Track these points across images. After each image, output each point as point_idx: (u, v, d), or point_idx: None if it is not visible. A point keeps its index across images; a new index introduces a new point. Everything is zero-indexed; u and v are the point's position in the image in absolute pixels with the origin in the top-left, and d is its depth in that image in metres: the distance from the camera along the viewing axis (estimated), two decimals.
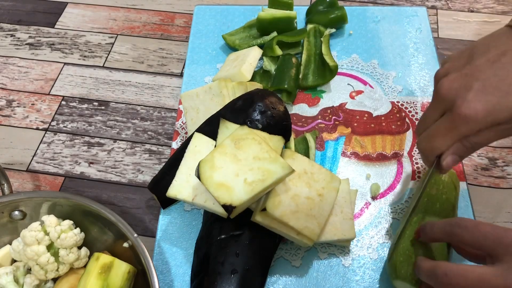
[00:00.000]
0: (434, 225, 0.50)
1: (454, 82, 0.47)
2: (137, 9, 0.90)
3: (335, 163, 0.66)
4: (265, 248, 0.55)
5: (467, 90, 0.45)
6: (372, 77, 0.75)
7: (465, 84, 0.46)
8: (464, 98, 0.45)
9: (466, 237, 0.45)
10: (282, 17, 0.76)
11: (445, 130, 0.48)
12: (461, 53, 0.50)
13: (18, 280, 0.54)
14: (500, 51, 0.46)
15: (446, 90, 0.47)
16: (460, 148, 0.48)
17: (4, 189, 0.56)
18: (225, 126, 0.56)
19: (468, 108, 0.45)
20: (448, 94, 0.47)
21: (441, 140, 0.48)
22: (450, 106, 0.47)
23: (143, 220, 0.64)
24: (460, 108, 0.45)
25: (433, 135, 0.49)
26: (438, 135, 0.48)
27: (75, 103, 0.77)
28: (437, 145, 0.49)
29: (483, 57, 0.47)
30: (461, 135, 0.47)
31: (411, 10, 0.83)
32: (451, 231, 0.46)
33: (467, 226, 0.45)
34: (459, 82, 0.47)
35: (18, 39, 0.86)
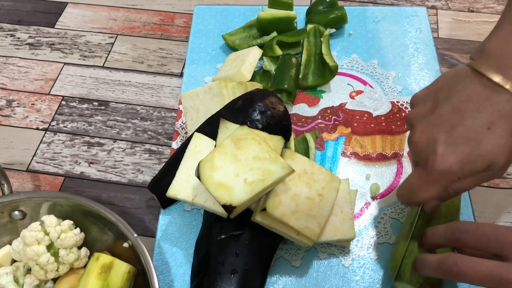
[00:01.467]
0: (435, 232, 0.49)
1: (422, 135, 0.47)
2: (137, 9, 0.90)
3: (335, 163, 0.66)
4: (265, 248, 0.55)
5: (436, 144, 0.45)
6: (372, 77, 0.75)
7: (433, 136, 0.45)
8: (435, 152, 0.45)
9: (469, 241, 0.44)
10: (282, 17, 0.76)
11: (426, 185, 0.47)
12: (426, 94, 0.49)
13: (18, 280, 0.54)
14: (464, 97, 0.45)
15: (416, 144, 0.47)
16: (444, 195, 0.49)
17: (4, 189, 0.56)
18: (225, 126, 0.56)
19: (442, 162, 0.44)
20: (420, 149, 0.47)
21: (424, 193, 0.48)
22: (424, 160, 0.46)
23: (143, 220, 0.64)
24: (434, 164, 0.45)
25: (415, 189, 0.49)
26: (420, 190, 0.48)
27: (75, 103, 0.77)
28: (421, 198, 0.49)
29: (447, 104, 0.46)
30: (442, 187, 0.47)
31: (411, 10, 0.83)
32: (453, 237, 0.46)
33: (469, 230, 0.44)
34: (427, 135, 0.46)
35: (18, 39, 0.86)
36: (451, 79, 0.47)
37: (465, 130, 0.44)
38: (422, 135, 0.47)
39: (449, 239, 0.47)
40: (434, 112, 0.47)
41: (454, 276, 0.43)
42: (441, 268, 0.45)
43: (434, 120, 0.46)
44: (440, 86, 0.48)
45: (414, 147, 0.48)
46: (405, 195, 0.51)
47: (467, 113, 0.44)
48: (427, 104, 0.48)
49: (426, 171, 0.46)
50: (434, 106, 0.47)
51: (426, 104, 0.48)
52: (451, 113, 0.45)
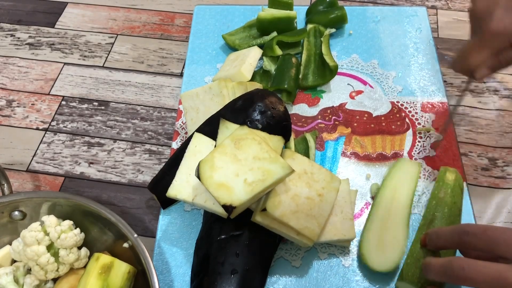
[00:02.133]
0: (440, 234, 0.49)
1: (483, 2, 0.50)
2: (137, 9, 0.90)
3: (335, 163, 0.66)
4: (265, 248, 0.55)
5: (495, 7, 0.48)
6: (372, 77, 0.75)
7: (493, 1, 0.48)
8: (492, 15, 0.48)
9: (476, 244, 0.44)
10: (282, 17, 0.76)
11: (479, 47, 0.51)
12: None
13: (18, 280, 0.54)
14: None
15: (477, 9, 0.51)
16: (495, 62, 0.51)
17: (4, 189, 0.56)
18: (225, 126, 0.56)
19: (497, 23, 0.48)
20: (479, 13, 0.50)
21: (476, 56, 0.52)
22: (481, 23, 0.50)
23: (143, 220, 0.64)
24: (489, 25, 0.48)
25: (468, 53, 0.52)
26: (473, 52, 0.52)
27: (75, 103, 0.77)
28: (473, 61, 0.52)
29: None
30: (494, 49, 0.50)
31: (411, 10, 0.83)
32: (460, 239, 0.46)
33: (476, 233, 0.44)
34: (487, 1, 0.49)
35: (18, 39, 0.86)
36: None
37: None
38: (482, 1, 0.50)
39: (455, 242, 0.47)
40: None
41: (461, 281, 0.43)
42: (447, 272, 0.45)
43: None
44: None
45: (474, 12, 0.51)
46: (458, 60, 0.55)
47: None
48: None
49: (481, 34, 0.50)
50: None
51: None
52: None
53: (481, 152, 0.69)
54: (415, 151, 0.67)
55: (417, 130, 0.69)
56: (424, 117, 0.70)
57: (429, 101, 0.72)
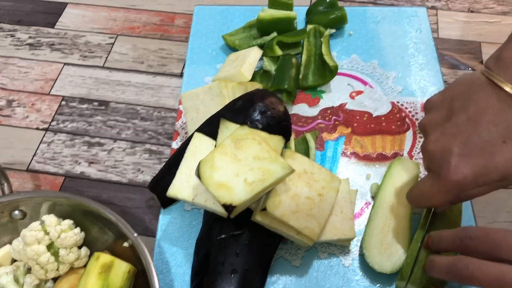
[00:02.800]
0: (442, 237, 0.49)
1: (436, 144, 0.47)
2: (137, 9, 0.90)
3: (335, 163, 0.66)
4: (265, 248, 0.55)
5: (451, 154, 0.45)
6: (372, 77, 0.75)
7: (448, 146, 0.45)
8: (449, 163, 0.45)
9: (478, 247, 0.44)
10: (282, 17, 0.76)
11: (438, 192, 0.48)
12: (441, 101, 0.49)
13: (18, 279, 0.54)
14: (480, 108, 0.44)
15: (430, 153, 0.47)
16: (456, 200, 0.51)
17: (4, 189, 0.56)
18: (225, 126, 0.56)
19: (456, 174, 0.44)
20: (433, 158, 0.47)
21: (436, 200, 0.49)
22: (437, 169, 0.47)
23: (143, 220, 0.65)
24: (448, 174, 0.45)
25: (427, 196, 0.49)
26: (433, 196, 0.49)
27: (75, 103, 0.77)
28: (433, 203, 0.50)
29: (463, 114, 0.45)
30: (455, 195, 0.47)
31: (411, 11, 0.83)
32: (462, 244, 0.45)
33: (478, 237, 0.44)
34: (442, 144, 0.46)
35: (18, 39, 0.86)
36: (467, 88, 0.47)
37: (480, 142, 0.44)
38: (436, 144, 0.47)
39: (457, 246, 0.46)
40: (450, 121, 0.46)
41: (464, 279, 0.43)
42: (451, 271, 0.45)
43: (449, 129, 0.46)
44: (455, 94, 0.47)
45: (428, 155, 0.48)
46: (417, 200, 0.52)
47: (482, 125, 0.44)
48: (442, 111, 0.48)
49: (439, 180, 0.46)
50: (449, 114, 0.47)
51: (441, 111, 0.48)
52: (467, 124, 0.45)
53: None
54: (415, 151, 0.67)
55: (417, 130, 0.69)
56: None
57: None
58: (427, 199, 0.50)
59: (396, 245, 0.56)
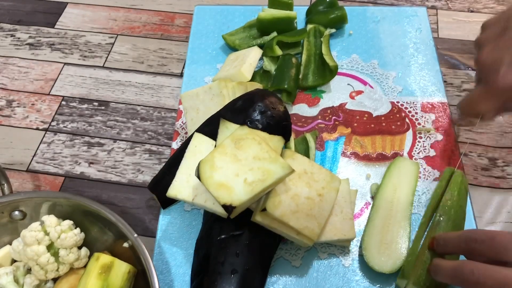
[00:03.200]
0: (447, 240, 0.49)
1: (489, 55, 0.52)
2: (137, 9, 0.90)
3: (335, 163, 0.66)
4: (265, 248, 0.55)
5: (501, 64, 0.50)
6: (372, 77, 0.75)
7: (499, 57, 0.50)
8: (498, 71, 0.50)
9: (484, 251, 0.43)
10: (282, 17, 0.76)
11: (486, 99, 0.53)
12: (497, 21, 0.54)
13: (18, 280, 0.54)
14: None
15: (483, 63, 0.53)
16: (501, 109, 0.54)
17: (4, 189, 0.56)
18: (225, 126, 0.56)
19: (504, 80, 0.50)
20: (485, 67, 0.52)
21: (483, 106, 0.54)
22: (487, 77, 0.52)
23: (143, 220, 0.64)
24: (495, 82, 0.51)
25: (476, 102, 0.55)
26: (480, 103, 0.54)
27: (75, 103, 0.77)
28: (480, 110, 0.55)
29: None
30: (501, 102, 0.52)
31: (411, 10, 0.83)
32: (467, 247, 0.45)
33: (484, 240, 0.43)
34: (493, 55, 0.51)
35: (18, 39, 0.86)
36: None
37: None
38: (489, 55, 0.52)
39: (463, 248, 0.46)
40: (503, 36, 0.52)
41: (470, 285, 0.43)
42: (456, 276, 0.44)
43: (502, 43, 0.52)
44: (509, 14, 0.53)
45: (481, 65, 0.54)
46: (467, 107, 0.58)
47: None
48: (497, 29, 0.54)
49: (488, 87, 0.52)
50: (503, 31, 0.52)
51: (496, 28, 0.54)
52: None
53: (481, 152, 0.69)
54: (415, 151, 0.67)
55: (417, 130, 0.69)
56: (424, 117, 0.70)
57: (429, 101, 0.72)
58: (476, 105, 0.55)
59: (395, 245, 0.56)
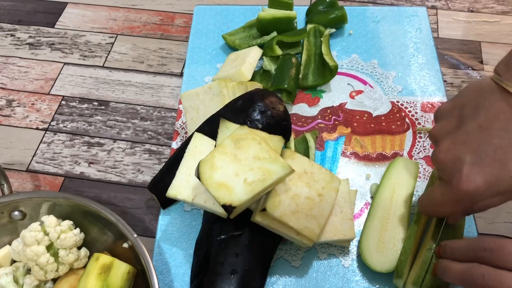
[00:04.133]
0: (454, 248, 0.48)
1: (447, 153, 0.46)
2: (137, 9, 0.90)
3: (335, 163, 0.66)
4: (265, 248, 0.55)
5: (462, 163, 0.44)
6: (372, 77, 0.75)
7: (459, 155, 0.45)
8: (461, 172, 0.44)
9: (494, 260, 0.42)
10: (282, 17, 0.76)
11: (449, 202, 0.47)
12: (451, 110, 0.48)
13: (18, 280, 0.54)
14: (491, 115, 0.44)
15: (442, 162, 0.47)
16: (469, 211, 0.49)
17: (4, 189, 0.56)
18: (225, 126, 0.56)
19: (468, 183, 0.43)
20: (445, 167, 0.46)
21: (448, 209, 0.48)
22: (449, 178, 0.46)
23: (143, 220, 0.64)
24: (459, 184, 0.44)
25: (438, 205, 0.49)
26: (444, 206, 0.48)
27: (75, 103, 0.77)
28: (444, 212, 0.50)
29: (473, 122, 0.45)
30: (468, 205, 0.46)
31: (411, 10, 0.83)
32: (476, 255, 0.44)
33: (493, 249, 0.42)
34: (453, 153, 0.45)
35: (18, 39, 0.86)
36: (476, 95, 0.46)
37: (492, 150, 0.43)
38: (447, 153, 0.46)
39: (471, 257, 0.45)
40: (460, 129, 0.46)
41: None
42: (465, 279, 0.44)
43: (460, 137, 0.45)
44: (465, 101, 0.47)
45: (439, 164, 0.47)
46: (427, 209, 0.52)
47: (494, 131, 0.43)
48: (452, 120, 0.47)
49: (451, 189, 0.45)
50: (459, 122, 0.46)
51: (451, 120, 0.47)
52: (478, 131, 0.44)
53: None
54: (415, 151, 0.67)
55: (417, 130, 0.69)
56: (424, 117, 0.70)
57: (429, 101, 0.72)
58: (438, 208, 0.49)
59: (393, 244, 0.56)
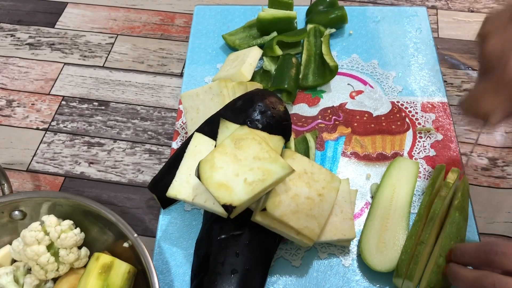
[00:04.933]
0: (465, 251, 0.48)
1: (495, 45, 0.47)
2: (137, 9, 0.90)
3: (335, 163, 0.66)
4: (265, 248, 0.55)
5: (509, 53, 0.46)
6: (372, 77, 0.75)
7: (508, 46, 0.46)
8: (507, 61, 0.46)
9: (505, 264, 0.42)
10: (282, 17, 0.76)
11: (493, 94, 0.48)
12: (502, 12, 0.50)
13: (18, 280, 0.54)
14: None
15: (489, 54, 0.48)
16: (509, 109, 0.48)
17: (4, 189, 0.56)
18: (225, 126, 0.56)
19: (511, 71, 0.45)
20: (492, 57, 0.47)
21: (490, 103, 0.48)
22: (495, 68, 0.47)
23: (143, 220, 0.64)
24: (503, 72, 0.46)
25: (481, 97, 0.49)
26: (487, 99, 0.48)
27: (75, 103, 0.77)
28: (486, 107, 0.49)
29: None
30: (509, 96, 0.47)
31: (411, 10, 0.83)
32: (487, 259, 0.44)
33: (505, 253, 0.42)
34: (501, 46, 0.47)
35: (18, 39, 0.86)
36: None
37: None
38: (496, 44, 0.47)
39: (482, 260, 0.45)
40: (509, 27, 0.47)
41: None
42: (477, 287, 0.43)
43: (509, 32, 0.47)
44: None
45: (486, 57, 0.48)
46: (469, 105, 0.51)
47: None
48: (503, 19, 0.49)
49: (495, 80, 0.47)
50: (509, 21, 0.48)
51: (502, 19, 0.49)
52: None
53: (481, 152, 0.69)
54: (415, 151, 0.67)
55: (417, 130, 0.69)
56: (424, 117, 0.70)
57: (429, 101, 0.72)
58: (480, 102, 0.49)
59: (393, 244, 0.56)
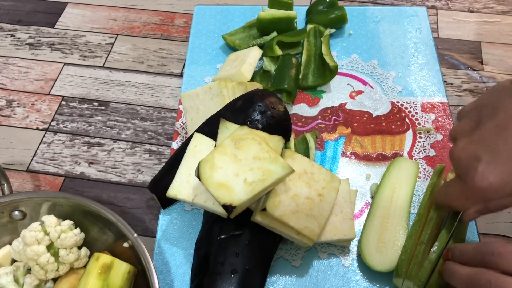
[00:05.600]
0: (463, 252, 0.48)
1: (463, 150, 0.46)
2: (137, 9, 0.90)
3: (335, 163, 0.66)
4: (265, 248, 0.55)
5: (477, 161, 0.45)
6: (372, 77, 0.75)
7: (475, 153, 0.45)
8: (475, 169, 0.44)
9: (501, 264, 0.43)
10: (282, 17, 0.76)
11: (463, 197, 0.48)
12: (471, 110, 0.49)
13: (18, 280, 0.54)
14: (508, 116, 0.44)
15: (458, 159, 0.47)
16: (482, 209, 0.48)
17: (4, 189, 0.56)
18: (225, 126, 0.56)
19: (481, 180, 0.44)
20: (460, 164, 0.47)
21: (461, 203, 0.49)
22: (464, 175, 0.46)
23: (143, 220, 0.64)
24: (473, 181, 0.45)
25: (454, 199, 0.50)
26: (459, 200, 0.49)
27: (75, 103, 0.77)
28: (458, 206, 0.50)
29: (491, 121, 0.45)
30: (482, 203, 0.47)
31: (411, 10, 0.83)
32: (483, 259, 0.44)
33: (502, 253, 0.43)
34: (469, 151, 0.46)
35: (18, 39, 0.86)
36: (495, 96, 0.47)
37: (507, 149, 0.43)
38: (463, 151, 0.47)
39: (479, 260, 0.45)
40: (478, 129, 0.46)
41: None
42: (472, 284, 0.44)
43: (477, 136, 0.46)
44: (485, 102, 0.48)
45: (456, 161, 0.48)
46: (442, 200, 0.53)
47: (510, 132, 0.44)
48: (471, 120, 0.48)
49: (465, 185, 0.46)
50: (477, 122, 0.47)
51: (470, 119, 0.48)
52: (494, 131, 0.45)
53: None
54: (415, 151, 0.67)
55: (417, 130, 0.69)
56: (424, 117, 0.70)
57: (429, 101, 0.72)
58: (451, 201, 0.50)
59: (393, 244, 0.56)
